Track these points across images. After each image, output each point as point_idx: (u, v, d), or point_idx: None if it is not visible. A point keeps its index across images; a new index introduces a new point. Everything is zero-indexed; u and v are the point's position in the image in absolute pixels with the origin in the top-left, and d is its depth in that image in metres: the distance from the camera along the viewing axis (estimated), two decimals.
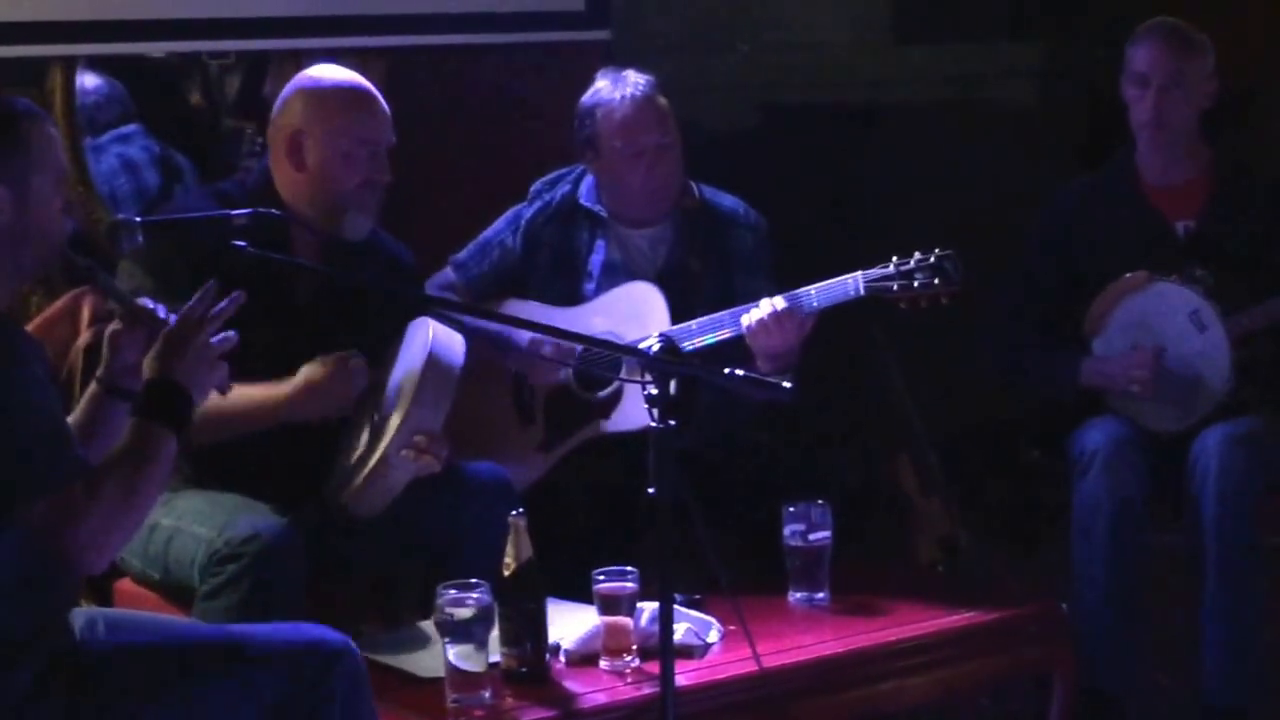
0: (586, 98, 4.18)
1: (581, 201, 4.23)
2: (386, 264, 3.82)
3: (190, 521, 3.45)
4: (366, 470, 3.51)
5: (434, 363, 3.52)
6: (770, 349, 3.90)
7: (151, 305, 3.05)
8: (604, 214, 4.20)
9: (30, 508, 2.72)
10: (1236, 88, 5.17)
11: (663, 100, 4.15)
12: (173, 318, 3.01)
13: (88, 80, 4.65)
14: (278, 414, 3.53)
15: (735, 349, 3.96)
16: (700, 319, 3.99)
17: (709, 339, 3.96)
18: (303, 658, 2.89)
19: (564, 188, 4.27)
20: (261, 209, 3.51)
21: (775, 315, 3.88)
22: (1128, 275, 4.18)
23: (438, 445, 3.51)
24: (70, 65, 4.32)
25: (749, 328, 3.91)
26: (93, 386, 3.08)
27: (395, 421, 3.49)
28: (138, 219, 3.25)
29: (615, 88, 4.14)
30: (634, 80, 4.14)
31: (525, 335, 4.02)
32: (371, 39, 4.57)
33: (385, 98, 3.75)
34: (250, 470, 3.56)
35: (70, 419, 3.00)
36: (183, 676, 2.84)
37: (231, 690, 2.85)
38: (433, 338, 3.54)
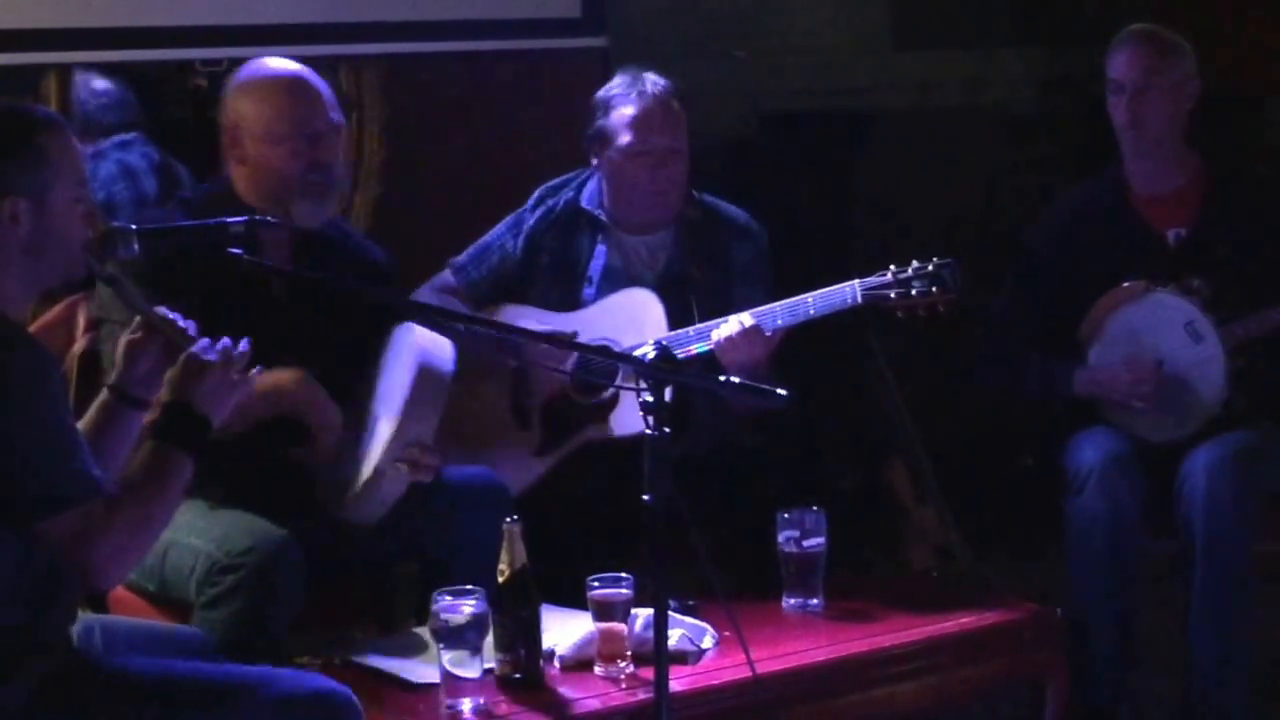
0: (602, 91, 4.17)
1: (583, 205, 4.22)
2: (356, 262, 3.79)
3: (187, 534, 3.43)
4: (360, 482, 3.51)
5: (424, 372, 3.51)
6: (734, 363, 3.89)
7: (172, 316, 3.05)
8: (605, 218, 4.20)
9: (48, 524, 2.73)
10: (1232, 93, 5.17)
11: (677, 105, 4.12)
12: (192, 326, 3.03)
13: (95, 83, 4.65)
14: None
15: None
16: (697, 326, 3.99)
17: (704, 346, 3.96)
18: (305, 711, 2.87)
19: (567, 193, 4.26)
20: (258, 217, 3.50)
21: (743, 332, 3.89)
22: (1125, 285, 4.17)
23: (430, 456, 3.51)
24: (65, 72, 4.32)
25: (718, 343, 3.91)
26: (104, 394, 3.08)
27: (387, 434, 3.48)
28: (133, 227, 3.25)
29: (632, 85, 4.12)
30: (652, 80, 4.12)
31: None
32: (369, 46, 4.57)
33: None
34: (247, 479, 3.55)
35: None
36: (182, 716, 2.83)
37: None
38: (422, 347, 3.54)
